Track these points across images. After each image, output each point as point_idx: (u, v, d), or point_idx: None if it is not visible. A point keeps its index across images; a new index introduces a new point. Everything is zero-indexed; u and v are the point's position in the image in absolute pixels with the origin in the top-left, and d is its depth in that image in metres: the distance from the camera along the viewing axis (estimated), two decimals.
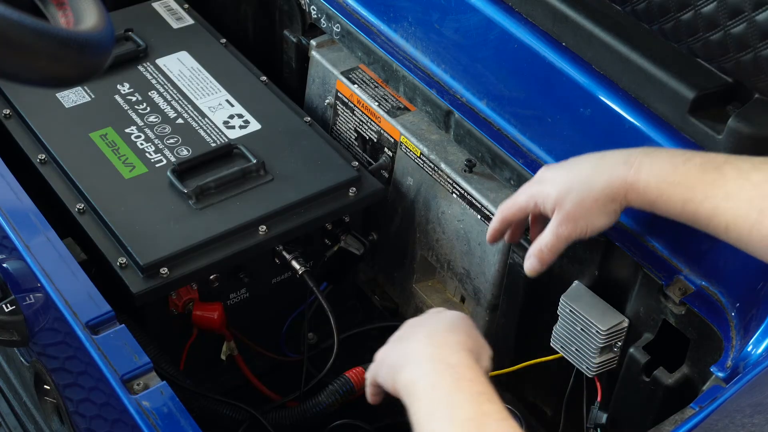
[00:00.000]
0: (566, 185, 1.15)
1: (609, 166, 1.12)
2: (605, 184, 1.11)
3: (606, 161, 1.13)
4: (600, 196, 1.12)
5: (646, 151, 1.12)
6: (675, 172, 1.07)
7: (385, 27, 1.62)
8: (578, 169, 1.16)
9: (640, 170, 1.09)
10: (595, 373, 1.31)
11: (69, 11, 0.94)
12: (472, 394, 0.95)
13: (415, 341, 1.06)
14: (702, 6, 1.15)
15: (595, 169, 1.13)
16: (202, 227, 1.44)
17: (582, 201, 1.13)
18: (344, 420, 1.45)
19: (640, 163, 1.10)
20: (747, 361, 1.11)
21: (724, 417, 1.02)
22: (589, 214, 1.14)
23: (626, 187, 1.10)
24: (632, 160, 1.10)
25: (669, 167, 1.07)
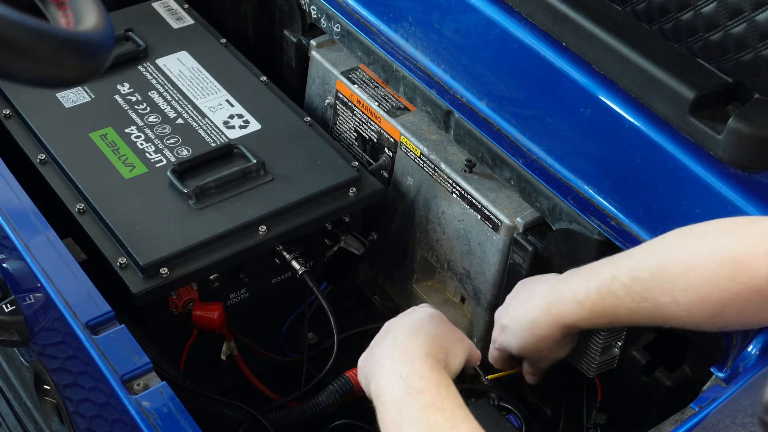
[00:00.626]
0: (520, 339, 1.26)
1: (542, 316, 1.21)
2: (547, 334, 1.21)
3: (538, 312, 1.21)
4: (549, 341, 1.23)
5: (558, 291, 1.19)
6: (583, 308, 1.15)
7: (385, 27, 1.62)
8: (523, 320, 1.25)
9: (561, 316, 1.18)
10: (595, 373, 1.31)
11: (69, 11, 0.94)
12: (420, 409, 0.99)
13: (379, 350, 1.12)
14: (702, 6, 1.15)
15: (534, 320, 1.22)
16: (202, 227, 1.44)
17: (539, 348, 1.25)
18: (344, 420, 1.45)
19: (557, 308, 1.19)
20: (747, 361, 1.11)
21: (725, 417, 1.02)
22: (550, 352, 1.25)
23: (563, 329, 1.20)
24: (552, 306, 1.19)
25: (577, 306, 1.16)
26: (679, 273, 1.07)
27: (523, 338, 1.25)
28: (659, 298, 1.09)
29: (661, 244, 1.13)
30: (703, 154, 1.21)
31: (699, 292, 1.06)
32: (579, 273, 1.19)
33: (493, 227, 1.47)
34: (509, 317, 1.28)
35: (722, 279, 1.04)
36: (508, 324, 1.28)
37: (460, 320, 1.61)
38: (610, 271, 1.14)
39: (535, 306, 1.23)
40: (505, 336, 1.29)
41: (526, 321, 1.24)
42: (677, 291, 1.07)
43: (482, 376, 1.53)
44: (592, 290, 1.14)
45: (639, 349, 1.29)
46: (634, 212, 1.29)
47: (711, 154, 1.21)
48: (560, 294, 1.19)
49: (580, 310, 1.16)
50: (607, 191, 1.33)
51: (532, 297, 1.24)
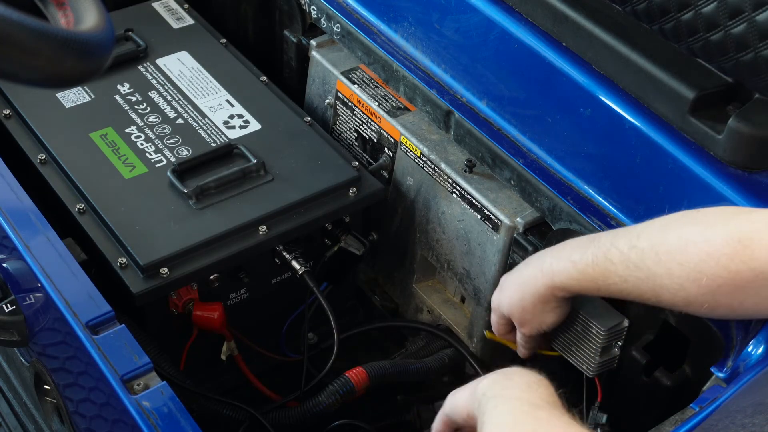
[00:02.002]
0: (510, 297, 1.28)
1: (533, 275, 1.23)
2: (534, 292, 1.23)
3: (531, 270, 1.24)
4: (536, 302, 1.24)
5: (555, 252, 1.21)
6: (576, 269, 1.17)
7: (385, 27, 1.62)
8: (516, 280, 1.27)
9: (553, 274, 1.20)
10: (595, 373, 1.31)
11: (69, 11, 0.94)
12: None
13: None
14: (702, 6, 1.15)
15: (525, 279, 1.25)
16: (202, 227, 1.44)
17: (524, 308, 1.26)
18: (344, 420, 1.45)
19: (551, 266, 1.20)
20: (747, 361, 1.11)
21: (724, 417, 1.02)
22: (534, 316, 1.26)
23: (551, 290, 1.21)
24: (545, 265, 1.21)
25: (570, 265, 1.18)
26: (678, 246, 1.08)
27: (512, 295, 1.27)
28: (653, 268, 1.09)
29: (665, 221, 1.13)
30: (703, 154, 1.21)
31: (696, 266, 1.06)
32: (579, 238, 1.21)
33: (493, 227, 1.47)
34: (508, 276, 1.30)
35: (723, 257, 1.04)
36: (504, 282, 1.30)
37: (460, 320, 1.61)
38: (610, 239, 1.15)
39: (531, 264, 1.25)
40: (499, 293, 1.31)
41: (520, 278, 1.26)
42: (673, 263, 1.08)
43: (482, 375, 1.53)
44: (587, 254, 1.16)
45: (639, 349, 1.29)
46: (634, 212, 1.29)
47: (711, 154, 1.21)
48: (557, 254, 1.21)
49: (572, 271, 1.17)
50: (607, 191, 1.33)
51: (532, 258, 1.27)
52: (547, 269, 1.21)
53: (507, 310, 1.29)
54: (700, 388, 1.16)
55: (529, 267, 1.25)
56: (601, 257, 1.14)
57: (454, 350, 1.58)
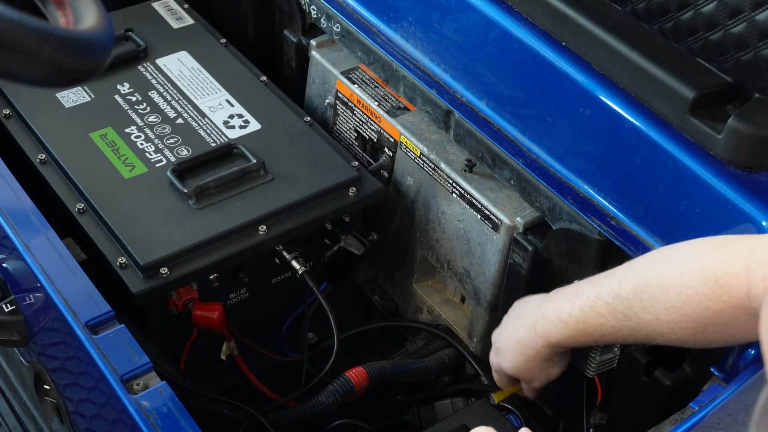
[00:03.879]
0: (512, 360, 1.28)
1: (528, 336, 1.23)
2: (535, 354, 1.24)
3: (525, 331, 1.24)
4: (538, 361, 1.25)
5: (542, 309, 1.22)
6: (567, 327, 1.17)
7: (385, 27, 1.62)
8: (512, 342, 1.27)
9: (547, 334, 1.20)
10: (595, 373, 1.31)
11: (68, 11, 0.94)
12: None
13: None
14: (702, 6, 1.15)
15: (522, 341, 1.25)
16: (202, 227, 1.44)
17: (530, 368, 1.27)
18: (344, 420, 1.45)
19: (542, 327, 1.21)
20: (747, 361, 1.11)
21: (726, 416, 1.02)
22: (541, 372, 1.27)
23: (549, 348, 1.22)
24: (538, 326, 1.21)
25: (561, 324, 1.18)
26: (660, 291, 1.08)
27: (513, 358, 1.27)
28: (641, 316, 1.09)
29: (642, 263, 1.14)
30: (703, 153, 1.21)
31: (681, 310, 1.06)
32: (563, 292, 1.21)
33: (493, 227, 1.47)
34: (501, 338, 1.31)
35: (704, 298, 1.04)
36: (500, 345, 1.31)
37: (460, 320, 1.61)
38: (593, 290, 1.15)
39: (522, 325, 1.25)
40: (499, 357, 1.31)
41: (515, 340, 1.26)
42: (659, 309, 1.08)
43: (482, 375, 1.53)
44: (575, 309, 1.16)
45: (639, 349, 1.29)
46: (634, 212, 1.29)
47: (711, 154, 1.21)
48: (545, 313, 1.21)
49: (564, 329, 1.17)
50: (607, 191, 1.33)
51: (521, 316, 1.27)
52: (540, 331, 1.21)
53: (512, 372, 1.30)
54: (699, 388, 1.16)
55: (520, 329, 1.25)
56: (588, 311, 1.15)
57: (454, 350, 1.58)
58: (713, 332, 1.06)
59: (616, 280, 1.13)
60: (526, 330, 1.23)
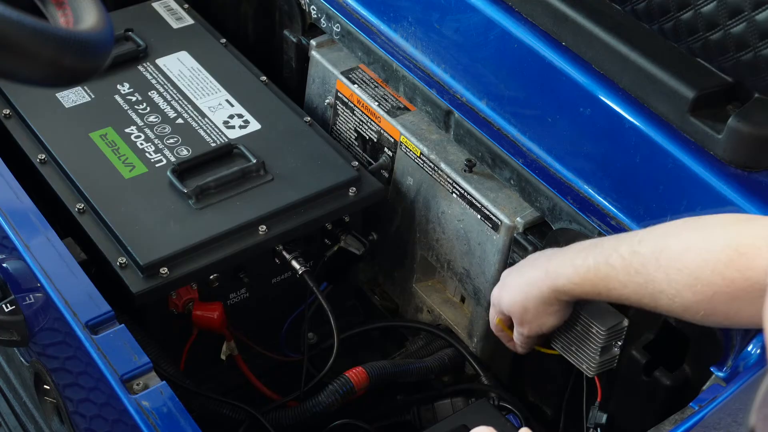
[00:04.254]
0: (512, 296, 1.28)
1: (537, 277, 1.24)
2: (538, 294, 1.24)
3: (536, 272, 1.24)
4: (538, 304, 1.25)
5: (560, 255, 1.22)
6: (577, 274, 1.18)
7: (385, 27, 1.62)
8: (519, 281, 1.28)
9: (556, 277, 1.21)
10: (595, 373, 1.31)
11: (68, 11, 0.94)
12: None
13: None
14: (702, 6, 1.15)
15: (529, 280, 1.25)
16: (202, 227, 1.44)
17: (527, 309, 1.27)
18: (344, 420, 1.45)
19: (555, 269, 1.21)
20: (747, 361, 1.11)
21: (726, 415, 1.02)
22: (536, 318, 1.27)
23: (554, 293, 1.22)
24: (551, 267, 1.22)
25: (572, 270, 1.19)
26: (678, 252, 1.08)
27: (514, 294, 1.27)
28: (653, 274, 1.10)
29: (666, 227, 1.14)
30: (703, 153, 1.21)
31: (693, 272, 1.06)
32: (583, 243, 1.22)
33: (493, 227, 1.47)
34: (511, 274, 1.31)
35: (719, 263, 1.05)
36: (507, 280, 1.31)
37: (460, 320, 1.61)
38: (612, 245, 1.16)
39: (534, 264, 1.26)
40: (501, 291, 1.31)
41: (522, 278, 1.27)
42: (672, 269, 1.08)
43: (482, 375, 1.53)
44: (590, 259, 1.17)
45: (639, 349, 1.29)
46: (634, 212, 1.29)
47: (711, 154, 1.21)
48: (560, 257, 1.22)
49: (574, 275, 1.18)
50: (607, 191, 1.33)
51: (537, 258, 1.28)
52: (552, 272, 1.21)
53: (507, 308, 1.30)
54: (699, 388, 1.16)
55: (534, 268, 1.25)
56: (602, 262, 1.15)
57: (454, 350, 1.58)
58: (718, 303, 1.06)
59: (637, 238, 1.14)
60: (537, 269, 1.24)
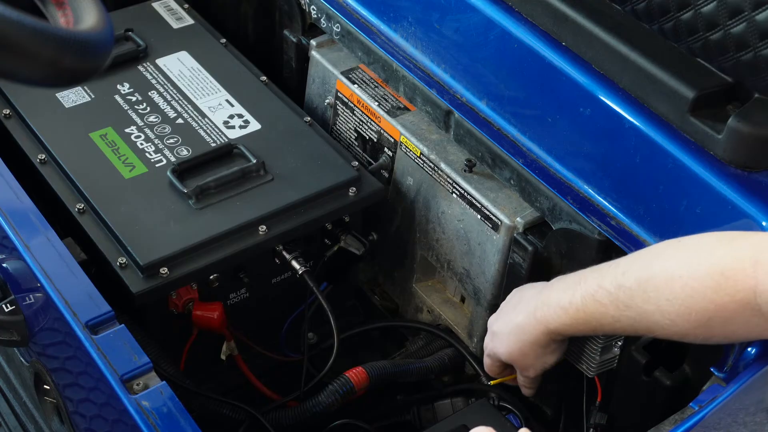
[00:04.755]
0: (507, 345, 1.27)
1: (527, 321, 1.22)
2: (532, 339, 1.23)
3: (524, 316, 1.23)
4: (535, 347, 1.24)
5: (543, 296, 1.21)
6: (567, 315, 1.17)
7: (385, 27, 1.62)
8: (510, 327, 1.26)
9: (546, 321, 1.20)
10: (595, 373, 1.31)
11: (69, 11, 0.94)
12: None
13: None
14: (702, 5, 1.15)
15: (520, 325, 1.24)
16: (202, 227, 1.44)
17: (525, 354, 1.26)
18: (344, 420, 1.45)
19: (543, 313, 1.20)
20: (747, 360, 1.11)
21: (726, 415, 1.02)
22: (536, 360, 1.27)
23: (548, 335, 1.21)
24: (538, 312, 1.21)
25: (561, 311, 1.17)
26: (664, 282, 1.07)
27: (510, 343, 1.27)
28: (643, 306, 1.09)
29: (648, 254, 1.13)
30: (703, 153, 1.21)
31: (684, 302, 1.05)
32: (565, 279, 1.20)
33: (493, 227, 1.47)
34: (498, 323, 1.30)
35: (708, 290, 1.03)
36: (497, 330, 1.30)
37: (460, 320, 1.61)
38: (596, 279, 1.14)
39: (521, 310, 1.24)
40: (494, 342, 1.31)
41: (513, 325, 1.25)
42: (662, 300, 1.07)
43: (482, 376, 1.53)
44: (576, 297, 1.15)
45: (639, 349, 1.29)
46: (634, 212, 1.29)
47: (711, 154, 1.21)
48: (545, 299, 1.20)
49: (564, 316, 1.17)
50: (607, 191, 1.33)
51: (520, 302, 1.26)
52: (540, 317, 1.20)
53: (506, 358, 1.30)
54: (699, 388, 1.15)
55: (519, 314, 1.24)
56: (590, 299, 1.14)
57: (454, 350, 1.58)
58: (714, 326, 1.05)
59: (620, 270, 1.12)
60: (525, 315, 1.23)
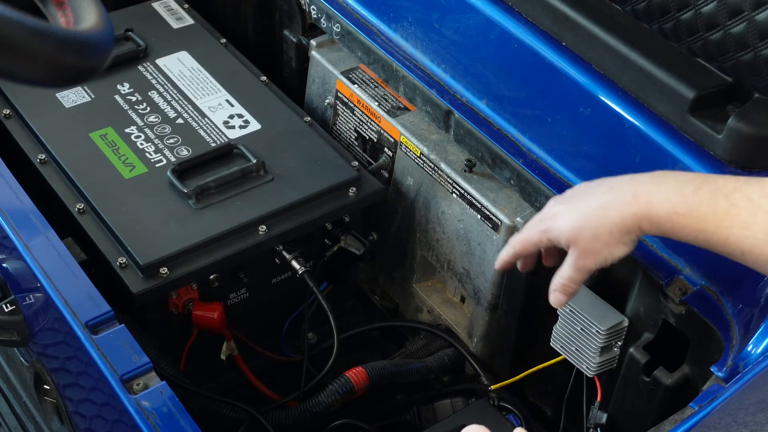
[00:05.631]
0: (578, 221, 1.13)
1: (619, 200, 1.10)
2: (618, 220, 1.10)
3: (616, 195, 1.11)
4: (614, 231, 1.11)
5: (654, 180, 1.09)
6: (685, 203, 1.05)
7: (385, 27, 1.62)
8: (589, 204, 1.13)
9: (650, 203, 1.08)
10: (595, 373, 1.31)
11: (69, 11, 0.94)
12: None
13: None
14: (702, 6, 1.15)
15: (606, 203, 1.12)
16: (202, 227, 1.44)
17: (597, 236, 1.12)
18: (344, 420, 1.45)
19: (648, 195, 1.08)
20: (747, 360, 1.11)
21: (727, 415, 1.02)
22: (607, 246, 1.12)
23: (638, 220, 1.09)
24: (641, 191, 1.09)
25: (678, 198, 1.06)
26: None
27: (581, 219, 1.12)
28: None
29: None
30: (703, 153, 1.21)
31: None
32: (683, 174, 1.09)
33: (493, 227, 1.47)
34: (569, 201, 1.16)
35: None
36: (563, 207, 1.16)
37: (460, 320, 1.61)
38: (734, 183, 1.04)
39: (613, 188, 1.12)
40: (556, 220, 1.16)
41: (597, 203, 1.12)
42: None
43: (482, 375, 1.54)
44: (704, 190, 1.04)
45: (639, 349, 1.29)
46: None
47: (711, 154, 1.21)
48: (657, 183, 1.08)
49: (680, 205, 1.05)
50: None
51: (607, 183, 1.13)
52: (644, 196, 1.07)
53: (568, 236, 1.14)
54: (699, 388, 1.16)
55: (608, 192, 1.11)
56: (722, 198, 1.03)
57: (454, 350, 1.58)
58: None
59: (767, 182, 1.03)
60: (621, 191, 1.10)
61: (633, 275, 1.29)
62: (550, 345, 1.35)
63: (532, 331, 1.47)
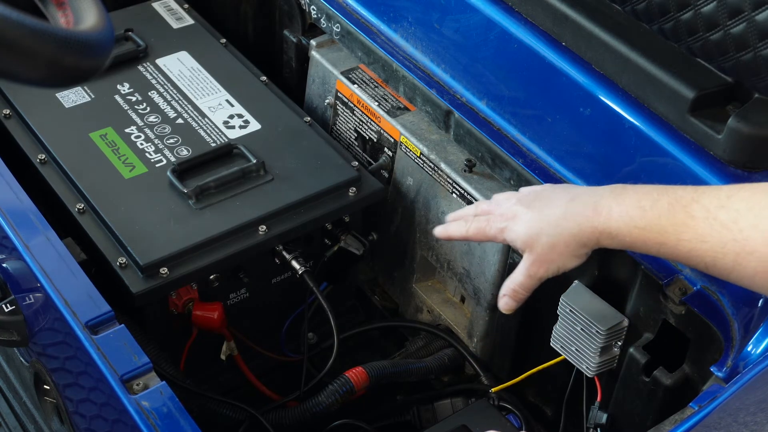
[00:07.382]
0: (536, 228, 1.14)
1: (580, 212, 1.10)
2: (576, 231, 1.10)
3: (576, 206, 1.11)
4: (571, 242, 1.11)
5: (614, 194, 1.09)
6: (644, 217, 1.05)
7: (385, 27, 1.62)
8: (550, 212, 1.14)
9: (609, 217, 1.07)
10: (595, 373, 1.31)
11: (69, 11, 0.94)
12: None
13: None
14: (702, 6, 1.15)
15: (565, 214, 1.12)
16: (202, 227, 1.44)
17: (554, 246, 1.13)
18: (344, 420, 1.45)
19: (609, 209, 1.08)
20: (747, 360, 1.11)
21: (727, 415, 1.02)
22: (561, 257, 1.13)
23: (597, 234, 1.09)
24: (601, 205, 1.08)
25: (637, 212, 1.05)
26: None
27: (541, 227, 1.13)
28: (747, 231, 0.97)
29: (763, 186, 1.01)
30: (703, 153, 1.21)
31: None
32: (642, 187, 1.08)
33: None
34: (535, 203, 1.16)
35: None
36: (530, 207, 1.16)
37: (460, 320, 1.61)
38: (691, 194, 1.03)
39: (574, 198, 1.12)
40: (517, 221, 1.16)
41: (558, 213, 1.12)
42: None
43: (482, 375, 1.54)
44: (662, 202, 1.03)
45: (639, 349, 1.29)
46: None
47: (711, 154, 1.21)
48: (617, 197, 1.08)
49: (639, 219, 1.04)
50: None
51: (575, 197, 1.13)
52: (604, 210, 1.07)
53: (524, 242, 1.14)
54: (699, 388, 1.16)
55: (574, 202, 1.11)
56: (679, 209, 1.02)
57: (453, 350, 1.58)
58: None
59: (723, 193, 1.01)
60: (579, 205, 1.10)
61: (633, 275, 1.29)
62: (550, 345, 1.34)
63: (532, 332, 1.47)
